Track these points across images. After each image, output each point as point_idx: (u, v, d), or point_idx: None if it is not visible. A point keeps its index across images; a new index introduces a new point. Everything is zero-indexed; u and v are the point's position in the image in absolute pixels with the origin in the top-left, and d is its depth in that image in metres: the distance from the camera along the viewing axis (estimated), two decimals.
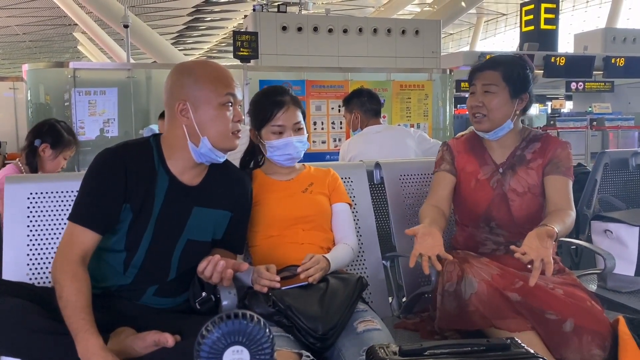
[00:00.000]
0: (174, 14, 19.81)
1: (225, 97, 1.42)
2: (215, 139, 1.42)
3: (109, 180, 1.38)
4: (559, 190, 1.75)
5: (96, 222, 1.37)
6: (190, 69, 1.46)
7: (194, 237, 1.47)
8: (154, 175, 1.43)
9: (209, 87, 1.42)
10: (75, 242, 1.35)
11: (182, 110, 1.42)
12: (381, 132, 3.00)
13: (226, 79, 1.45)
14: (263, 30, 9.15)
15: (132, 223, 1.40)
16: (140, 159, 1.44)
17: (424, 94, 6.63)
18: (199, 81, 1.43)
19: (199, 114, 1.41)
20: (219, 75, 1.45)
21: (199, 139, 1.42)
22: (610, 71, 13.30)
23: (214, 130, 1.42)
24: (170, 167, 1.46)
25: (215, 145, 1.43)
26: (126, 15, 9.74)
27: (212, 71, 1.46)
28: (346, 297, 1.47)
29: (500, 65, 1.79)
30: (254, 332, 0.97)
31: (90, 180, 1.41)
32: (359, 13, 20.51)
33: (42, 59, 25.12)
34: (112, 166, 1.40)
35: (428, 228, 1.59)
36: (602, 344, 1.48)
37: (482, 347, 1.16)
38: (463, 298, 1.53)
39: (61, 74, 6.68)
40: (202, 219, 1.48)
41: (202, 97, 1.42)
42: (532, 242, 1.50)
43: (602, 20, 21.53)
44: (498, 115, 1.78)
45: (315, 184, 1.78)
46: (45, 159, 2.56)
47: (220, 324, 0.95)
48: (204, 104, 1.41)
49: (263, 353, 0.97)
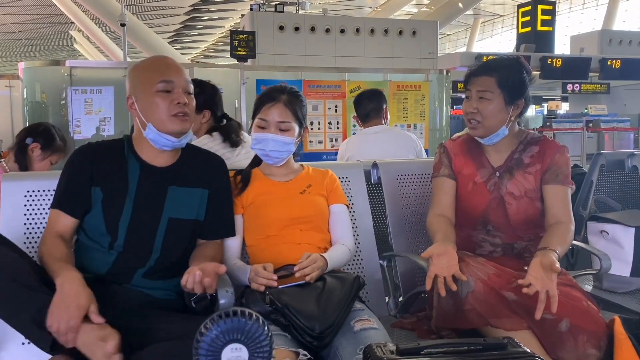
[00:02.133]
0: (171, 13, 19.75)
1: (160, 84, 1.52)
2: (157, 123, 1.53)
3: (76, 167, 1.55)
4: (558, 201, 1.75)
5: (68, 205, 1.52)
6: (135, 66, 1.62)
7: (174, 215, 1.56)
8: (124, 162, 1.57)
9: (143, 78, 1.56)
10: (52, 225, 1.52)
11: (131, 104, 1.57)
12: (380, 132, 3.01)
13: (159, 68, 1.56)
14: (260, 29, 9.15)
15: (105, 204, 1.52)
16: (110, 149, 1.60)
17: (420, 94, 6.64)
18: (137, 75, 1.58)
19: (140, 104, 1.55)
20: (151, 66, 1.58)
21: (146, 126, 1.54)
22: (606, 73, 13.36)
23: (155, 117, 1.53)
24: (140, 155, 1.59)
25: (160, 129, 1.53)
26: (123, 14, 9.71)
27: (147, 64, 1.60)
28: (343, 296, 1.47)
29: (496, 70, 1.77)
30: (253, 330, 0.97)
31: (64, 170, 1.57)
32: (356, 13, 20.50)
33: (38, 57, 25.03)
34: (80, 155, 1.57)
35: (443, 247, 1.58)
36: (598, 344, 1.49)
37: (479, 347, 1.16)
38: (459, 297, 1.53)
39: (57, 73, 6.65)
40: (179, 197, 1.58)
41: (140, 88, 1.56)
42: (538, 272, 1.48)
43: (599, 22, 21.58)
44: (492, 122, 1.77)
45: (314, 186, 1.78)
46: (33, 159, 2.56)
47: (218, 322, 0.96)
48: (141, 94, 1.55)
49: (262, 351, 0.97)
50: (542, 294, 1.44)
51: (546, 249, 1.58)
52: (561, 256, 1.62)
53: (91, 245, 1.53)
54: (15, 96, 7.47)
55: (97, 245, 1.51)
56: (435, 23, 11.32)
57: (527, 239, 1.78)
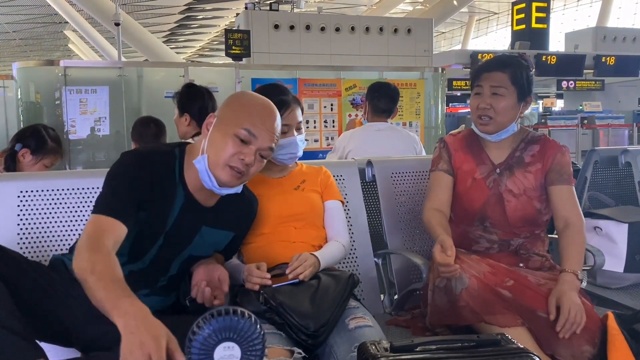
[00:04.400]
0: (166, 12, 19.71)
1: (243, 131, 1.38)
2: (212, 160, 1.38)
3: (135, 181, 1.34)
4: (566, 201, 1.76)
5: (125, 214, 1.30)
6: (244, 95, 1.49)
7: (195, 253, 1.49)
8: (173, 190, 1.41)
9: (235, 113, 1.41)
10: (105, 232, 1.25)
11: (208, 123, 1.43)
12: (382, 130, 3.00)
13: (260, 116, 1.41)
14: (255, 28, 9.14)
15: (140, 233, 1.37)
16: (163, 172, 1.41)
17: (416, 92, 6.65)
18: (236, 105, 1.44)
19: (214, 131, 1.40)
20: (254, 108, 1.42)
21: (203, 155, 1.39)
22: (600, 70, 13.41)
23: (214, 153, 1.38)
24: (187, 180, 1.43)
25: (210, 167, 1.38)
26: (117, 13, 9.69)
27: (249, 101, 1.45)
28: (337, 294, 1.47)
29: (509, 66, 1.75)
30: (245, 329, 0.97)
31: (118, 176, 1.35)
32: (351, 11, 20.50)
33: (32, 57, 24.93)
34: (139, 170, 1.36)
35: (448, 259, 1.53)
36: (592, 340, 1.50)
37: (473, 343, 1.16)
38: (454, 293, 1.54)
39: (52, 72, 6.63)
40: (207, 237, 1.49)
41: (225, 119, 1.41)
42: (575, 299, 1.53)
43: (593, 19, 21.66)
44: (505, 118, 1.76)
45: (308, 182, 1.79)
46: (24, 165, 2.47)
47: (211, 320, 0.96)
48: (221, 125, 1.40)
49: (254, 349, 0.97)
50: (579, 317, 1.49)
51: (566, 272, 1.62)
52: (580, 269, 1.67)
53: None
54: (9, 96, 7.44)
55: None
56: (430, 21, 11.33)
57: (524, 236, 1.78)
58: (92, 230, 1.25)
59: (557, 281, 1.61)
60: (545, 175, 1.79)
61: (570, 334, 1.49)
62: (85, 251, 1.18)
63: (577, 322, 1.48)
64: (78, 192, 1.69)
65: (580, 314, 1.49)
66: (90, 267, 1.13)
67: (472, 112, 1.83)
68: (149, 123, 2.82)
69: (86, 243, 1.21)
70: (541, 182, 1.79)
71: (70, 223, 1.67)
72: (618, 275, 2.16)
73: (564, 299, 1.52)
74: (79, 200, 1.69)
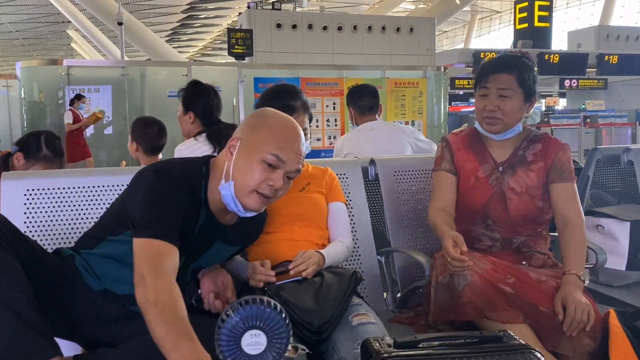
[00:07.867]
0: (168, 11, 19.73)
1: (271, 156, 1.32)
2: (238, 187, 1.33)
3: (176, 204, 1.29)
4: (566, 199, 1.77)
5: (175, 238, 1.25)
6: (268, 116, 1.41)
7: (202, 265, 1.49)
8: (197, 210, 1.36)
9: (260, 137, 1.35)
10: (163, 256, 1.21)
11: (231, 146, 1.37)
12: (376, 128, 3.01)
13: (282, 140, 1.34)
14: (257, 27, 9.16)
15: None
16: (191, 195, 1.34)
17: (418, 91, 6.66)
18: (260, 127, 1.37)
19: (239, 156, 1.34)
20: (276, 131, 1.36)
21: (228, 181, 1.34)
22: (603, 68, 13.39)
23: (240, 179, 1.33)
24: (210, 201, 1.38)
25: (237, 194, 1.33)
26: (120, 13, 9.71)
27: (274, 123, 1.38)
28: (341, 291, 1.49)
29: (516, 68, 1.75)
30: (271, 317, 1.01)
31: (162, 198, 1.28)
32: (353, 10, 20.49)
33: (35, 57, 24.99)
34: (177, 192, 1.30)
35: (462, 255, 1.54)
36: (593, 334, 1.51)
37: (475, 339, 1.17)
38: (456, 290, 1.55)
39: (55, 72, 6.66)
40: (217, 252, 1.47)
41: (250, 142, 1.35)
42: (580, 298, 1.54)
43: (596, 17, 21.62)
44: (512, 119, 1.77)
45: (313, 183, 1.80)
46: (16, 168, 2.46)
47: (239, 309, 1.00)
48: (247, 148, 1.34)
49: (280, 337, 1.02)
50: (585, 315, 1.50)
51: (570, 274, 1.62)
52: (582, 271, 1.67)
53: (120, 268, 1.34)
54: (12, 96, 7.47)
55: (126, 272, 1.25)
56: (432, 20, 11.34)
57: (526, 234, 1.79)
58: (150, 255, 1.20)
59: (560, 281, 1.61)
60: (547, 173, 1.80)
61: (577, 332, 1.50)
62: (148, 277, 1.15)
63: (583, 320, 1.49)
64: (83, 191, 1.71)
65: (587, 312, 1.50)
66: (154, 298, 1.12)
67: (478, 114, 1.82)
68: (152, 124, 2.81)
69: (147, 268, 1.17)
70: (543, 180, 1.80)
71: (75, 221, 1.68)
72: (620, 274, 2.16)
73: (569, 299, 1.53)
74: (84, 198, 1.71)
